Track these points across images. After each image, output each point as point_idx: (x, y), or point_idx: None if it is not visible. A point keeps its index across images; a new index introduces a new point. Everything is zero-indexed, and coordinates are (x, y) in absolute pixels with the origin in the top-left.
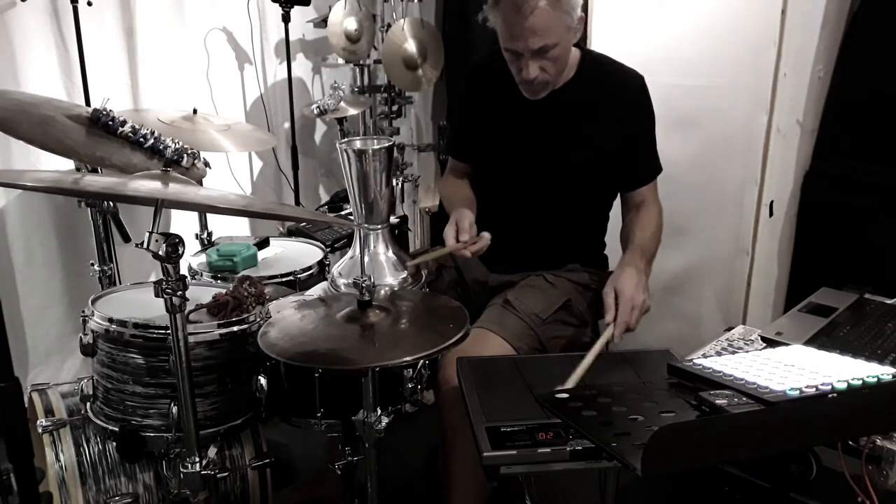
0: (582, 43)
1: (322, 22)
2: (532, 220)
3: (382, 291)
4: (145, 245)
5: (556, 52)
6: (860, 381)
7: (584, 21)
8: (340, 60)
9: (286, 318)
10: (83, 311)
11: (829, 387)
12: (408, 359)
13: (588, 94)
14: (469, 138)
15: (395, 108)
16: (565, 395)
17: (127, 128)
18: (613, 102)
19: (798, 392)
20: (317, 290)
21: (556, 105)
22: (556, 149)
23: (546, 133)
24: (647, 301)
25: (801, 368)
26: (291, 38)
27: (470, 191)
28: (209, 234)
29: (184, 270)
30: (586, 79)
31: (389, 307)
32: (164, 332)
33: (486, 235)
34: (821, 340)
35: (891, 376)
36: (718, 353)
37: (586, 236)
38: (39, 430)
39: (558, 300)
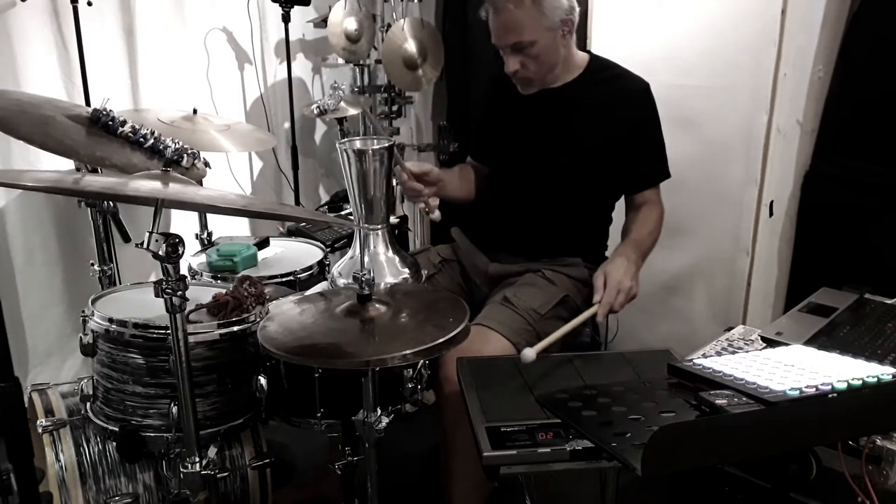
0: (581, 43)
1: (322, 22)
2: (533, 211)
3: (382, 285)
4: (145, 245)
5: (536, 51)
6: (860, 381)
7: (580, 23)
8: (340, 60)
9: (285, 312)
10: (83, 311)
11: (829, 387)
12: (408, 352)
13: (589, 95)
14: (486, 142)
15: (395, 108)
16: (531, 359)
17: (127, 128)
18: (613, 105)
19: (798, 392)
20: (316, 291)
21: (557, 104)
22: (551, 145)
23: (545, 130)
24: (633, 288)
25: (801, 368)
26: (291, 38)
27: (469, 171)
28: (209, 234)
29: (184, 270)
30: (590, 81)
31: (389, 301)
32: (164, 332)
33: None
34: (821, 340)
35: (891, 376)
36: (718, 353)
37: (587, 231)
38: (39, 430)
39: (556, 296)
